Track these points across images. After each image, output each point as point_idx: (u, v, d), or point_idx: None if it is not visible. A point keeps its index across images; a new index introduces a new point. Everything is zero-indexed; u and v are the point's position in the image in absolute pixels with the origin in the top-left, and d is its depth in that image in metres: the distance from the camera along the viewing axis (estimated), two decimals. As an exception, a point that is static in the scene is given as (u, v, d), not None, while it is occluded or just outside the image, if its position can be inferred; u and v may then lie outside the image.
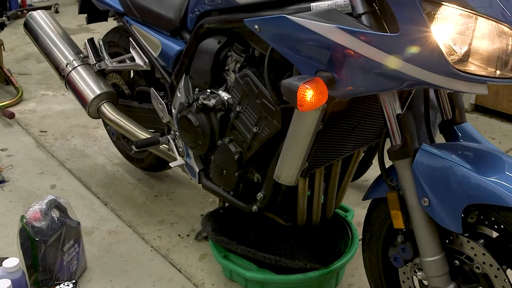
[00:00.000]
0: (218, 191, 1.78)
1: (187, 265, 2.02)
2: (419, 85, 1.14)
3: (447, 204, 1.22)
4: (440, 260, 1.30)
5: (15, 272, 1.65)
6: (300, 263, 1.74)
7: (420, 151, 1.26)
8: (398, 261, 1.39)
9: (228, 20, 1.57)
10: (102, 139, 3.01)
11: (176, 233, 2.21)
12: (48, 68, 3.26)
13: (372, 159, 1.80)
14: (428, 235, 1.29)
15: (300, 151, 1.44)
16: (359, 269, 1.95)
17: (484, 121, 3.28)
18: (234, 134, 1.62)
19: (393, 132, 1.28)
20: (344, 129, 1.53)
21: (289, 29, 1.26)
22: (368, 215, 1.52)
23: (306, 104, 1.15)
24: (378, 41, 1.13)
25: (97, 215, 2.33)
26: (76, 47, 2.41)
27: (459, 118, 1.50)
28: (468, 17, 1.09)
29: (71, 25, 5.29)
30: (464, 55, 1.12)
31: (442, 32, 1.09)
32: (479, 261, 1.28)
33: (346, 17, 1.19)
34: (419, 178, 1.25)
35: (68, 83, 2.32)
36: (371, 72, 1.16)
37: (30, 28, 2.45)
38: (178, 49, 1.84)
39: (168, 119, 1.97)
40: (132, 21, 2.06)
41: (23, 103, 3.54)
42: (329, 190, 1.78)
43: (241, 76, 1.52)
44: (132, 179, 2.62)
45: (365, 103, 1.50)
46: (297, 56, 1.28)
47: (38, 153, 2.87)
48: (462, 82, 1.10)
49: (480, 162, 1.24)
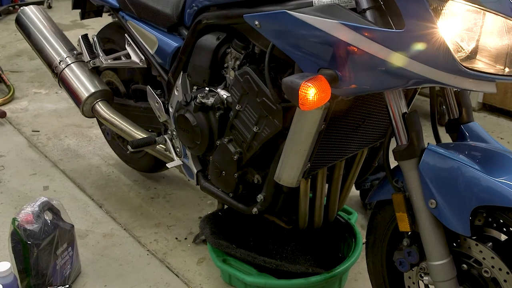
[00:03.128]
0: (217, 192, 1.78)
1: (185, 269, 2.02)
2: (425, 83, 1.14)
3: (454, 206, 1.22)
4: (448, 264, 1.30)
5: (6, 276, 1.65)
6: (302, 268, 1.75)
7: (427, 151, 1.26)
8: (403, 265, 1.39)
9: (227, 15, 1.57)
10: (97, 139, 3.00)
11: (173, 236, 2.21)
12: (41, 66, 3.27)
13: (376, 159, 1.80)
14: (435, 238, 1.29)
15: (301, 152, 1.44)
16: (363, 274, 1.95)
17: (492, 121, 3.28)
18: (234, 133, 1.62)
19: (399, 132, 1.28)
20: (348, 129, 1.53)
21: (290, 25, 1.26)
22: (372, 217, 1.52)
23: (308, 102, 1.15)
24: (382, 37, 1.13)
25: (92, 218, 2.32)
26: (69, 43, 2.41)
27: (466, 117, 1.50)
28: (476, 12, 1.09)
29: (65, 20, 5.28)
30: (472, 52, 1.12)
31: (449, 28, 1.09)
32: (488, 265, 1.28)
33: (349, 13, 1.19)
34: (425, 179, 1.25)
35: (61, 81, 2.32)
36: (375, 70, 1.16)
37: (22, 24, 2.45)
38: (176, 45, 1.84)
39: (165, 118, 1.97)
40: (127, 16, 2.06)
41: (15, 101, 3.54)
42: (332, 191, 1.78)
43: (241, 74, 1.52)
44: (128, 180, 2.62)
45: (369, 102, 1.50)
46: (299, 53, 1.28)
47: (30, 153, 2.87)
48: (469, 80, 1.10)
49: (488, 162, 1.24)
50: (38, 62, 3.68)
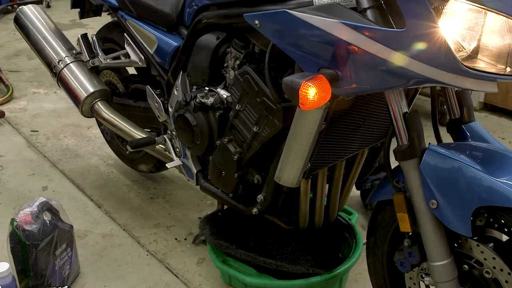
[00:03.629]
0: (217, 193, 1.78)
1: (184, 270, 2.02)
2: (426, 83, 1.14)
3: (456, 206, 1.22)
4: (449, 265, 1.30)
5: (5, 277, 1.65)
6: (302, 268, 1.75)
7: (428, 151, 1.26)
8: (404, 266, 1.39)
9: (227, 15, 1.57)
10: (96, 139, 3.01)
11: (173, 236, 2.21)
12: (40, 65, 3.27)
13: (377, 159, 1.80)
14: (436, 239, 1.29)
15: (302, 152, 1.44)
16: (363, 274, 1.95)
17: (494, 120, 3.29)
18: (234, 133, 1.62)
19: (400, 132, 1.28)
20: (348, 129, 1.53)
21: (290, 25, 1.26)
22: (373, 218, 1.52)
23: (309, 102, 1.15)
24: (383, 37, 1.13)
25: (91, 218, 2.32)
26: (68, 43, 2.41)
27: (468, 117, 1.50)
28: (477, 11, 1.09)
29: (64, 20, 5.28)
30: (473, 52, 1.12)
31: (450, 27, 1.09)
32: (489, 266, 1.28)
33: (350, 12, 1.19)
34: (426, 179, 1.25)
35: (60, 81, 2.32)
36: (376, 69, 1.16)
37: (21, 24, 2.45)
38: (175, 45, 1.84)
39: (165, 118, 1.97)
40: (127, 16, 2.06)
41: (14, 101, 3.54)
42: (332, 192, 1.78)
43: (241, 73, 1.52)
44: (127, 180, 2.62)
45: (370, 102, 1.50)
46: (299, 53, 1.28)
47: (29, 153, 2.87)
48: (470, 80, 1.10)
49: (490, 162, 1.24)
50: (37, 61, 3.68)
